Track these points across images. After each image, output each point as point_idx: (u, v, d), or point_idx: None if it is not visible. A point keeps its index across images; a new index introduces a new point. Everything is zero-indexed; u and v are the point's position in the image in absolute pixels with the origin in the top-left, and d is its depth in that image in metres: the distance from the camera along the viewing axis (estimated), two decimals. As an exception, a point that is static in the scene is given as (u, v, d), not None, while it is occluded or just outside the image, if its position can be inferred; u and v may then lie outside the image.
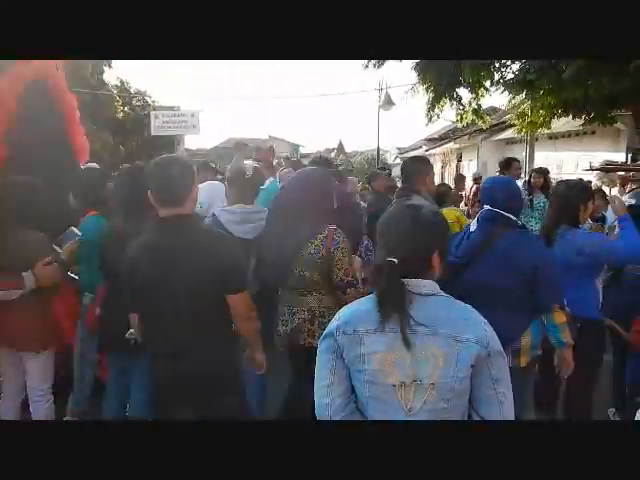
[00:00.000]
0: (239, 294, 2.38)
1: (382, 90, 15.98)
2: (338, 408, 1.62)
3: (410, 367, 1.51)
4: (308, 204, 2.70)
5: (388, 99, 15.41)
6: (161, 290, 2.31)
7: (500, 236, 2.65)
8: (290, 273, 2.70)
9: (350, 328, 1.60)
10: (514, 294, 2.60)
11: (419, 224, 1.60)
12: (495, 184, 2.95)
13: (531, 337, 2.68)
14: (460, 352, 1.50)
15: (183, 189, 2.33)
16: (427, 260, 1.59)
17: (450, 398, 1.52)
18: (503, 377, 1.57)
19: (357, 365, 1.58)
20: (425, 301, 1.55)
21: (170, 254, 2.29)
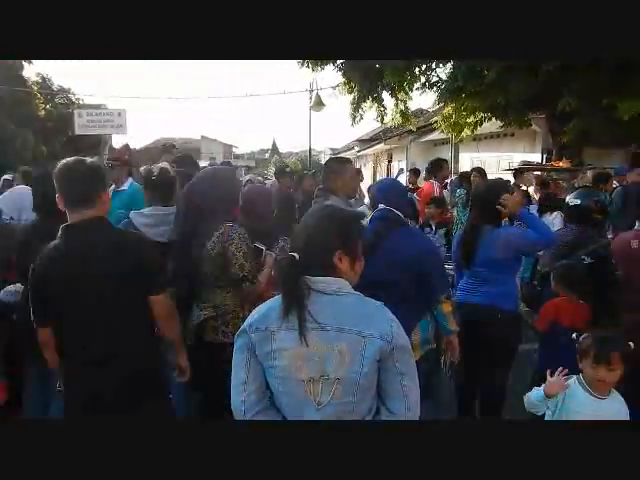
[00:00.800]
0: (159, 295, 2.35)
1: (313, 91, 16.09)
2: (252, 404, 1.65)
3: (318, 362, 1.55)
4: (210, 202, 2.72)
5: (319, 100, 15.51)
6: (77, 297, 2.23)
7: (390, 233, 2.79)
8: (197, 271, 2.72)
9: (262, 325, 1.63)
10: (404, 288, 2.71)
11: (319, 223, 1.66)
12: (388, 185, 3.17)
13: (420, 333, 2.82)
14: (365, 348, 1.54)
15: (91, 191, 2.26)
16: (327, 259, 1.62)
17: (356, 392, 1.57)
18: (408, 371, 1.62)
19: (269, 361, 1.61)
20: (332, 299, 1.59)
21: (81, 259, 2.20)
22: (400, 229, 2.84)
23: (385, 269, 2.67)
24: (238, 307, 2.72)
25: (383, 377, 1.61)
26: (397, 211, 2.87)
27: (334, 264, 1.62)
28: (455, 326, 2.94)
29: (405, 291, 2.71)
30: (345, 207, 3.34)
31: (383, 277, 2.65)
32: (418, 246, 2.81)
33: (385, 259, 2.69)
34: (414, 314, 2.79)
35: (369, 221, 2.94)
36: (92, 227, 2.26)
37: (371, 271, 2.68)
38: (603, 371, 2.25)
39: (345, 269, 1.64)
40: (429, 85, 10.61)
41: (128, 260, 2.25)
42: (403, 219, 2.91)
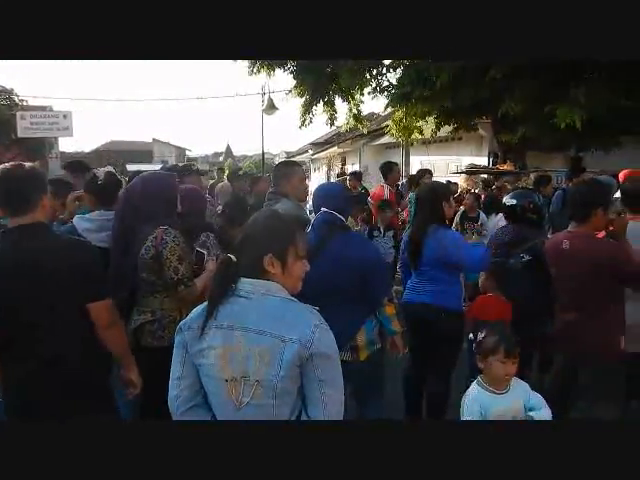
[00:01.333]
0: (100, 302, 2.30)
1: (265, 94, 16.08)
2: (186, 399, 1.68)
3: (241, 363, 1.57)
4: (147, 206, 2.70)
5: (271, 103, 15.51)
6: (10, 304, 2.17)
7: (333, 237, 2.81)
8: (134, 275, 2.69)
9: (195, 324, 1.65)
10: (348, 292, 2.74)
11: (255, 227, 1.69)
12: (329, 189, 3.18)
13: (365, 334, 2.85)
14: (284, 352, 1.55)
15: (29, 196, 2.21)
16: (257, 262, 1.64)
17: (275, 396, 1.57)
18: (329, 378, 1.61)
19: (198, 359, 1.64)
20: (258, 301, 1.61)
21: (13, 265, 2.15)
22: (342, 233, 2.86)
23: (329, 273, 2.69)
24: (175, 311, 2.70)
25: (304, 383, 1.61)
26: (339, 215, 2.90)
27: (264, 267, 1.64)
28: (399, 327, 2.99)
29: (349, 294, 2.75)
30: (296, 210, 3.39)
31: (327, 281, 2.68)
32: (360, 250, 2.84)
33: (328, 263, 2.71)
34: (358, 316, 2.83)
35: (311, 225, 2.94)
36: (28, 232, 2.20)
37: (315, 275, 2.74)
38: (510, 365, 2.30)
39: (277, 273, 1.65)
40: (380, 90, 10.77)
41: (62, 266, 2.19)
42: (345, 223, 2.95)
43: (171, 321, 2.66)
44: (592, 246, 2.88)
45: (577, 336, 2.93)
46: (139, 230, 2.68)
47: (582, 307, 2.92)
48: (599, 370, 2.88)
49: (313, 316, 1.64)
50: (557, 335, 3.13)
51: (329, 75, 10.33)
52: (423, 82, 9.20)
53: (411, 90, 9.50)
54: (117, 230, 2.82)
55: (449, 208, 3.52)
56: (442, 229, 3.40)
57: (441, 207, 3.42)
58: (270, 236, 1.67)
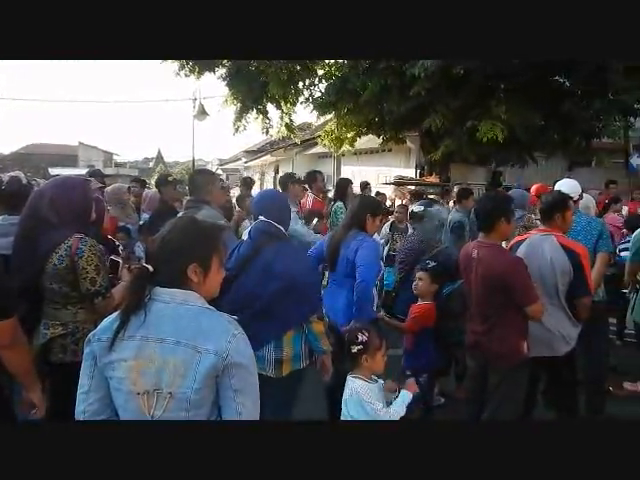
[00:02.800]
0: (2, 322, 2.12)
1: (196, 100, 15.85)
2: (94, 413, 1.61)
3: (154, 375, 1.53)
4: (58, 213, 2.54)
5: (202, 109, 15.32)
6: None
7: (268, 247, 2.75)
8: (42, 286, 2.54)
9: (104, 335, 1.58)
10: (274, 303, 2.68)
11: (177, 236, 1.63)
12: (269, 197, 3.08)
13: (292, 348, 2.78)
14: (199, 363, 1.52)
15: None
16: (180, 271, 1.60)
17: (188, 408, 1.53)
18: (244, 388, 1.59)
19: (108, 372, 1.58)
20: (174, 311, 1.57)
21: None
22: (278, 244, 2.80)
23: (257, 282, 2.67)
24: (90, 324, 2.52)
25: (219, 393, 1.58)
26: (278, 224, 2.84)
27: (187, 277, 1.60)
28: (328, 346, 2.92)
29: (274, 305, 2.69)
30: (218, 218, 3.36)
31: (254, 290, 2.67)
32: (290, 262, 2.77)
33: (259, 273, 2.69)
34: (279, 328, 2.77)
35: (247, 233, 2.90)
36: None
37: (243, 283, 2.72)
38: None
39: (199, 282, 1.62)
40: (312, 100, 10.91)
41: None
42: (283, 233, 2.88)
43: (86, 334, 2.51)
44: (495, 255, 3.03)
45: (484, 342, 3.06)
46: (47, 238, 2.52)
47: (488, 314, 3.05)
48: (505, 373, 3.02)
49: (230, 325, 1.62)
50: (468, 341, 3.27)
51: (261, 83, 10.36)
52: (348, 93, 9.42)
53: (336, 100, 9.69)
54: (19, 237, 2.62)
55: (372, 223, 3.52)
56: (362, 235, 3.43)
57: (365, 218, 3.47)
58: (194, 244, 1.63)
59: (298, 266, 2.81)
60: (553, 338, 3.20)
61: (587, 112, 8.45)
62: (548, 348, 3.22)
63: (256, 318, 2.61)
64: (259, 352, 2.62)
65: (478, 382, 3.21)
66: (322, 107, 10.35)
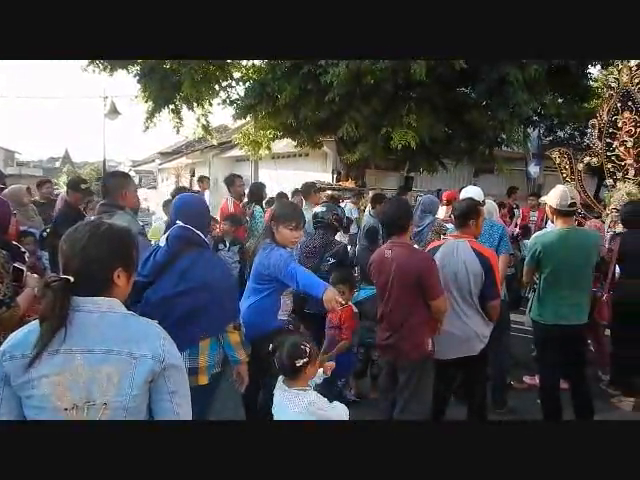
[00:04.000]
0: None
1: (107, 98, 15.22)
2: None
3: (83, 388, 1.47)
4: None
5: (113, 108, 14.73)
6: None
7: (185, 254, 2.69)
8: None
9: (18, 352, 1.47)
10: (189, 310, 2.63)
11: (96, 241, 1.57)
12: (187, 202, 2.97)
13: (208, 357, 2.74)
14: (135, 369, 1.50)
15: None
16: (105, 277, 1.56)
17: (126, 416, 1.52)
18: (180, 390, 1.60)
19: (25, 391, 1.47)
20: (101, 319, 1.52)
21: None
22: (196, 250, 2.73)
23: (173, 290, 2.62)
24: None
25: (154, 397, 1.57)
26: (196, 230, 2.76)
27: (112, 283, 1.57)
28: (244, 356, 2.86)
29: (189, 313, 2.64)
30: (133, 223, 3.26)
31: (170, 297, 2.61)
32: (206, 270, 2.71)
33: (175, 280, 2.63)
34: (195, 336, 2.70)
35: (165, 239, 2.79)
36: None
37: (159, 290, 2.64)
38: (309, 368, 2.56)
39: (123, 285, 1.60)
40: (230, 102, 10.83)
41: None
42: (202, 239, 2.81)
43: None
44: (409, 253, 3.21)
45: (393, 340, 3.21)
46: None
47: (398, 311, 3.20)
48: (411, 369, 3.18)
49: (158, 329, 1.62)
50: (378, 340, 3.40)
51: (174, 83, 10.14)
52: (267, 97, 9.46)
53: (255, 103, 9.70)
54: None
55: (280, 232, 3.25)
56: (271, 246, 3.26)
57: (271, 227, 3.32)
58: (116, 248, 1.59)
59: (215, 274, 2.76)
60: (471, 338, 3.40)
61: (491, 122, 9.03)
62: (467, 348, 3.41)
63: (171, 326, 2.55)
64: None
65: (389, 380, 3.35)
66: (241, 110, 10.30)
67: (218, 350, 2.80)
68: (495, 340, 3.58)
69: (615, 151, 5.34)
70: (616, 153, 5.33)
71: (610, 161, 5.38)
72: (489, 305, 3.42)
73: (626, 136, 5.24)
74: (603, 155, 5.42)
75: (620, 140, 5.30)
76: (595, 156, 5.54)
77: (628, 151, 5.24)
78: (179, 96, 10.54)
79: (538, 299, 3.77)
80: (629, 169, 5.24)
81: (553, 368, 3.75)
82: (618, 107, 5.27)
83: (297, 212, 3.34)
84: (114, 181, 3.42)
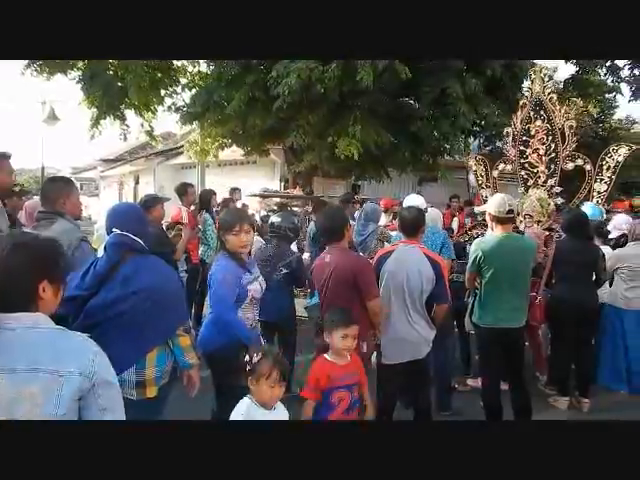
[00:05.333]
0: None
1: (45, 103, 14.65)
2: None
3: (6, 409, 1.40)
4: None
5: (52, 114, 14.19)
6: None
7: (126, 260, 2.63)
8: None
9: None
10: (134, 319, 2.56)
11: (19, 255, 1.49)
12: (124, 210, 2.95)
13: (155, 367, 2.66)
14: (62, 387, 1.44)
15: None
16: (29, 291, 1.49)
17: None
18: (112, 406, 1.54)
19: None
20: (24, 336, 1.46)
21: None
22: (137, 257, 2.66)
23: (117, 299, 2.53)
24: None
25: (84, 414, 1.51)
26: (135, 237, 2.68)
27: (37, 297, 1.50)
28: (195, 359, 2.81)
29: (135, 322, 2.55)
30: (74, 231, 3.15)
31: (114, 307, 2.53)
32: (152, 275, 2.65)
33: (119, 287, 2.55)
34: (142, 345, 2.63)
35: (104, 248, 2.71)
36: None
37: (102, 301, 2.53)
38: (277, 389, 2.39)
39: (49, 299, 1.53)
40: (175, 108, 10.68)
41: None
42: (142, 245, 2.73)
43: None
44: (346, 256, 3.30)
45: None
46: None
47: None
48: None
49: (89, 344, 1.55)
50: (319, 343, 3.43)
51: (118, 89, 9.92)
52: (214, 105, 9.40)
53: (202, 111, 9.62)
54: None
55: (227, 240, 3.19)
56: (221, 258, 3.24)
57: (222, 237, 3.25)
58: (40, 261, 1.52)
59: (161, 278, 2.71)
60: (419, 342, 3.48)
61: (434, 132, 9.30)
62: (415, 352, 3.48)
63: (118, 337, 2.46)
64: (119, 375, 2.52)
65: None
66: (188, 117, 10.18)
67: (166, 361, 2.72)
68: (439, 344, 3.68)
69: (528, 158, 5.52)
70: (529, 160, 5.51)
71: (523, 168, 5.55)
72: (440, 309, 3.53)
73: (538, 144, 5.44)
74: (517, 162, 5.60)
75: (533, 148, 5.49)
76: (509, 163, 5.72)
77: (540, 158, 5.43)
78: (124, 102, 10.32)
79: (479, 303, 3.90)
80: (541, 176, 5.44)
81: (494, 370, 3.89)
82: (531, 116, 5.47)
83: (239, 216, 3.28)
84: (54, 187, 3.25)
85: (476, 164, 6.00)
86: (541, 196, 5.32)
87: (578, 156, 5.27)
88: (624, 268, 4.92)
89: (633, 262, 4.94)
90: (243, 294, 3.09)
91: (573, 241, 4.57)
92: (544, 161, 5.40)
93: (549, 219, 5.31)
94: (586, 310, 4.47)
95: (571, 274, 4.50)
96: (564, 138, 5.26)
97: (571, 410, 4.55)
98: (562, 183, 5.64)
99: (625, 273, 4.93)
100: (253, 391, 2.40)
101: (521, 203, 5.10)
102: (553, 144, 5.32)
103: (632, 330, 4.99)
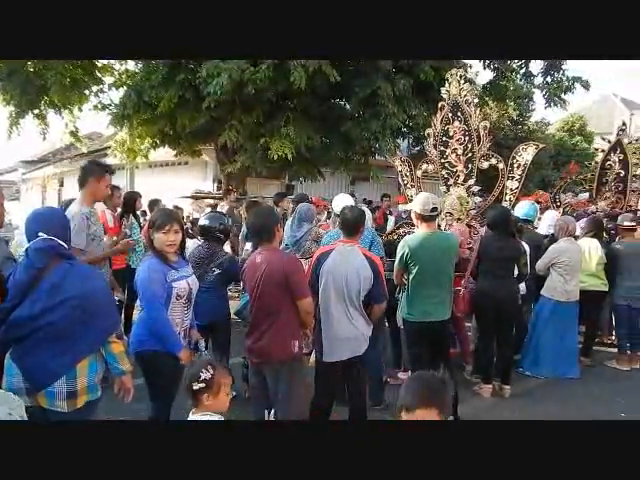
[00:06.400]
0: None
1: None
2: None
3: None
4: None
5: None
6: None
7: (53, 267, 2.51)
8: None
9: None
10: (63, 328, 2.47)
11: None
12: (48, 214, 2.79)
13: (87, 377, 2.59)
14: None
15: None
16: None
17: None
18: None
19: None
20: None
21: None
22: (64, 263, 2.55)
23: (45, 309, 2.42)
24: None
25: None
26: (61, 241, 2.58)
27: None
28: (128, 365, 2.76)
29: (64, 331, 2.46)
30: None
31: (41, 316, 2.41)
32: (81, 282, 2.55)
33: (45, 298, 2.43)
34: (74, 355, 2.54)
35: (25, 254, 2.55)
36: None
37: (28, 312, 2.39)
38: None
39: None
40: (102, 107, 10.32)
41: None
42: (68, 251, 2.64)
43: None
44: (277, 256, 3.32)
45: (261, 343, 3.28)
46: None
47: (267, 313, 3.27)
48: (278, 371, 3.26)
49: None
50: (247, 344, 3.42)
51: (38, 87, 9.47)
52: (144, 105, 9.17)
53: (132, 112, 9.36)
54: None
55: (156, 238, 3.16)
56: (146, 258, 3.25)
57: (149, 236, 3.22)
58: None
59: (90, 286, 2.60)
60: (358, 339, 3.55)
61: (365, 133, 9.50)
62: (354, 349, 3.55)
63: (48, 348, 2.39)
64: (49, 387, 2.42)
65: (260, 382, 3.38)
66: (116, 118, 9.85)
67: (98, 369, 2.65)
68: (371, 339, 3.78)
69: (448, 158, 5.73)
70: (449, 160, 5.72)
71: (444, 168, 5.75)
72: (377, 307, 3.61)
73: (456, 144, 5.65)
74: (438, 162, 5.82)
75: (452, 148, 5.68)
76: (431, 163, 5.95)
77: (459, 158, 5.65)
78: (45, 101, 9.87)
79: (407, 298, 4.05)
80: (460, 175, 5.66)
81: (422, 362, 4.01)
82: (449, 117, 5.69)
83: (171, 216, 3.27)
84: None
85: (401, 164, 6.18)
86: (461, 194, 5.55)
87: (492, 155, 5.53)
88: (561, 263, 5.27)
89: (568, 257, 5.32)
90: (168, 291, 3.08)
91: (497, 237, 4.80)
92: (462, 161, 5.63)
93: (468, 217, 5.56)
94: (506, 303, 4.71)
95: (494, 268, 4.73)
96: (480, 139, 5.50)
97: (494, 397, 4.81)
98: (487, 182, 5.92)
99: (562, 267, 5.29)
100: (209, 406, 2.32)
101: (442, 201, 5.29)
102: (470, 144, 5.55)
103: (566, 320, 5.41)
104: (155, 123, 9.69)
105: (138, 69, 10.14)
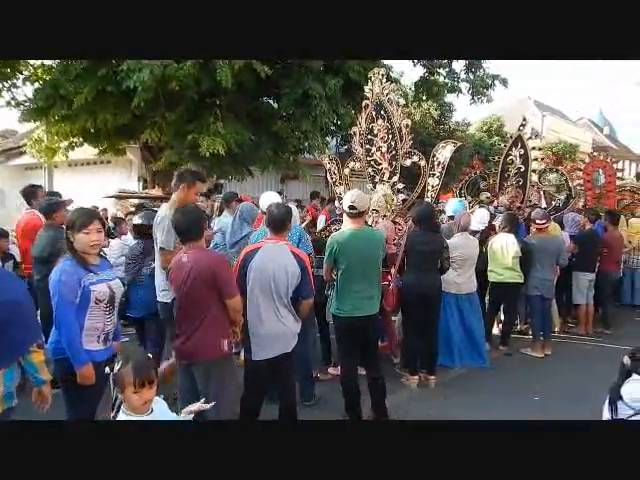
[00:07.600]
0: None
1: None
2: None
3: None
4: None
5: None
6: None
7: None
8: None
9: None
10: None
11: None
12: None
13: (2, 386, 2.48)
14: None
15: None
16: None
17: None
18: None
19: None
20: None
21: None
22: None
23: None
24: None
25: None
26: None
27: None
28: (48, 375, 2.70)
29: None
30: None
31: None
32: (5, 288, 2.38)
33: None
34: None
35: None
36: None
37: None
38: (146, 392, 2.24)
39: None
40: (16, 103, 9.73)
41: None
42: None
43: None
44: (204, 255, 3.29)
45: (189, 342, 3.26)
46: None
47: (195, 313, 3.25)
48: (208, 370, 3.24)
49: None
50: (176, 344, 3.40)
51: None
52: (60, 99, 8.74)
53: (47, 106, 8.90)
54: None
55: (77, 239, 2.96)
56: (61, 260, 3.00)
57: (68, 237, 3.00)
58: None
59: (10, 294, 2.42)
60: (287, 336, 3.57)
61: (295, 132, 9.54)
62: (283, 346, 3.56)
63: None
64: None
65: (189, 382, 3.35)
66: (30, 113, 9.32)
67: (15, 378, 2.54)
68: (300, 335, 3.82)
69: (373, 156, 5.87)
70: (374, 158, 5.86)
71: (370, 165, 5.90)
72: (305, 302, 3.64)
73: (381, 142, 5.81)
74: (364, 160, 5.94)
75: (377, 146, 5.84)
76: (358, 161, 6.08)
77: (383, 156, 5.81)
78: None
79: (336, 294, 4.11)
80: (385, 172, 5.82)
81: (351, 357, 4.12)
82: (373, 115, 5.82)
83: (91, 214, 3.08)
84: None
85: (329, 162, 6.27)
86: (386, 192, 5.71)
87: (414, 153, 5.71)
88: (454, 257, 5.43)
89: (460, 252, 5.52)
90: (85, 295, 2.88)
91: (422, 232, 4.97)
92: (387, 158, 5.78)
93: (393, 213, 5.72)
94: (431, 296, 4.90)
95: (419, 263, 4.91)
96: (402, 137, 5.66)
97: (420, 387, 4.99)
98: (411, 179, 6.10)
99: (455, 262, 5.46)
100: (125, 401, 2.26)
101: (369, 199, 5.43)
102: (394, 142, 5.70)
103: (467, 312, 5.65)
104: (74, 119, 9.24)
105: (55, 63, 9.65)
